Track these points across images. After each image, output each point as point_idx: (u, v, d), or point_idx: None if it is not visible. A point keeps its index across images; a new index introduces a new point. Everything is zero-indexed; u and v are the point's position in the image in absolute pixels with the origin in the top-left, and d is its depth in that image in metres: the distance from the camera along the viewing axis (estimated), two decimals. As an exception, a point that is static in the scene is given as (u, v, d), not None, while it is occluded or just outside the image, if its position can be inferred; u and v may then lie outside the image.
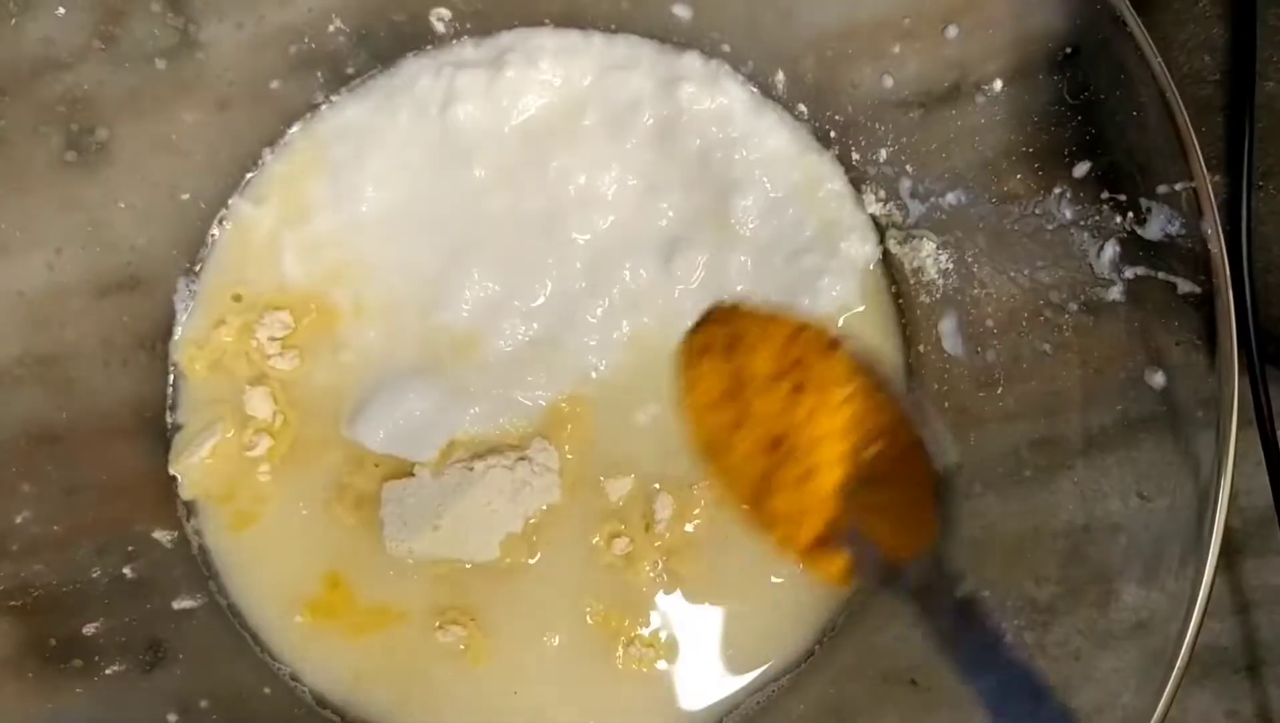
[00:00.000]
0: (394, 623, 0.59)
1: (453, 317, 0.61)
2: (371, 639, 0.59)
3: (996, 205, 0.55)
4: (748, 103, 0.62)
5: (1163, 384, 0.48)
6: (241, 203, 0.63)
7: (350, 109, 0.63)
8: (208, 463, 0.60)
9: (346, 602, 0.59)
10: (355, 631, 0.59)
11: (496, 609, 0.59)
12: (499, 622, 0.59)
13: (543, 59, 0.62)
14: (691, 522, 0.59)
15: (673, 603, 0.59)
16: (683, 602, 0.59)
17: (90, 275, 0.58)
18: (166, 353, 0.62)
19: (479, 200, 0.62)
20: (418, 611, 0.59)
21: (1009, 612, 0.52)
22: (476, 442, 0.60)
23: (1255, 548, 0.61)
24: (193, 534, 0.61)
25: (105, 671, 0.55)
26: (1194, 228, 0.45)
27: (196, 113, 0.60)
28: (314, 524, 0.60)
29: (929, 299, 0.60)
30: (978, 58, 0.54)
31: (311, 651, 0.59)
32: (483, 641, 0.59)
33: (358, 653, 0.59)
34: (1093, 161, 0.50)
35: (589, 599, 0.59)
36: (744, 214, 0.61)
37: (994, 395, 0.56)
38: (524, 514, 0.59)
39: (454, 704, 0.59)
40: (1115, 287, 0.50)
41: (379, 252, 0.62)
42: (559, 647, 0.59)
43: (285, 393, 0.61)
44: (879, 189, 0.61)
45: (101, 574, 0.57)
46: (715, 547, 0.59)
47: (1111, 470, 0.51)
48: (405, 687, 0.59)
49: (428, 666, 0.59)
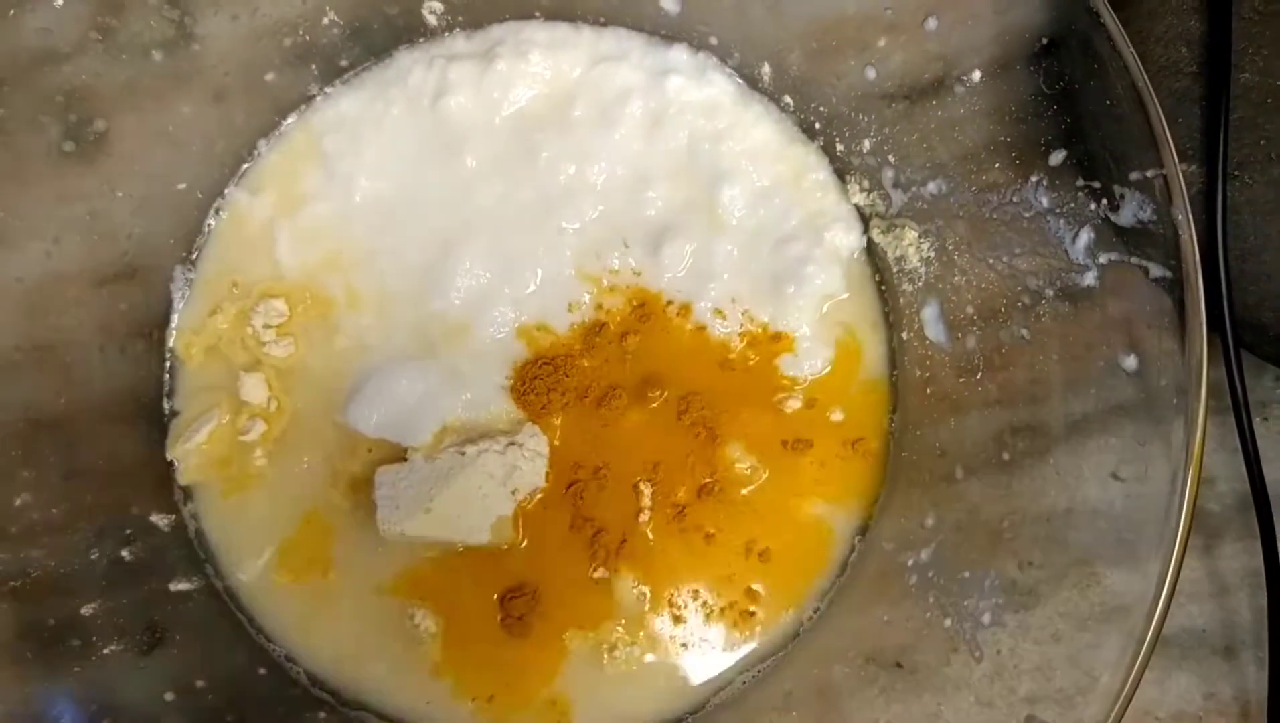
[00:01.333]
0: (386, 605, 0.60)
1: (445, 304, 0.62)
2: (364, 621, 0.59)
3: (976, 194, 0.56)
4: (735, 94, 0.63)
5: (1137, 368, 0.48)
6: (237, 193, 0.64)
7: (344, 101, 0.64)
8: (204, 448, 0.61)
9: (339, 583, 0.60)
10: (348, 613, 0.60)
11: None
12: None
13: (533, 51, 0.63)
14: (675, 510, 0.60)
15: (655, 589, 0.60)
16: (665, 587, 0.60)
17: (88, 264, 0.59)
18: (163, 340, 0.63)
19: (470, 190, 0.63)
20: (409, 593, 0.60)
21: (991, 593, 0.53)
22: (468, 427, 0.60)
23: (1234, 532, 0.62)
24: (190, 518, 0.61)
25: (103, 651, 0.55)
26: (1165, 213, 0.46)
27: (193, 104, 0.61)
28: (308, 508, 0.60)
29: (911, 287, 0.61)
30: (959, 51, 0.55)
31: (306, 632, 0.60)
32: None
33: (351, 635, 0.60)
34: (1068, 150, 0.51)
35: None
36: (731, 204, 0.62)
37: (974, 381, 0.57)
38: (514, 499, 0.59)
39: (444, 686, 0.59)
40: (1090, 272, 0.50)
41: (372, 240, 0.63)
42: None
43: (280, 379, 0.62)
44: (863, 179, 0.62)
45: (99, 557, 0.57)
46: (695, 535, 0.60)
47: (1092, 455, 0.52)
48: (397, 668, 0.59)
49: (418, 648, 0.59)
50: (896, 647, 0.56)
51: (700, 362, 0.62)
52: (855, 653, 0.58)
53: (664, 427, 0.61)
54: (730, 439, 0.61)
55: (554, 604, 0.59)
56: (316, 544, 0.60)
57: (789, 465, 0.61)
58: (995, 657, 0.52)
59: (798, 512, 0.61)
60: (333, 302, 0.62)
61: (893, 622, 0.57)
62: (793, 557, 0.61)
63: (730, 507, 0.60)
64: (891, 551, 0.59)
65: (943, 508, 0.57)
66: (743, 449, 0.61)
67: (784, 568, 0.60)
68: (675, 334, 0.62)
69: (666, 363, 0.61)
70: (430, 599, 0.59)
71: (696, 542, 0.60)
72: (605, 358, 0.62)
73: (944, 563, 0.56)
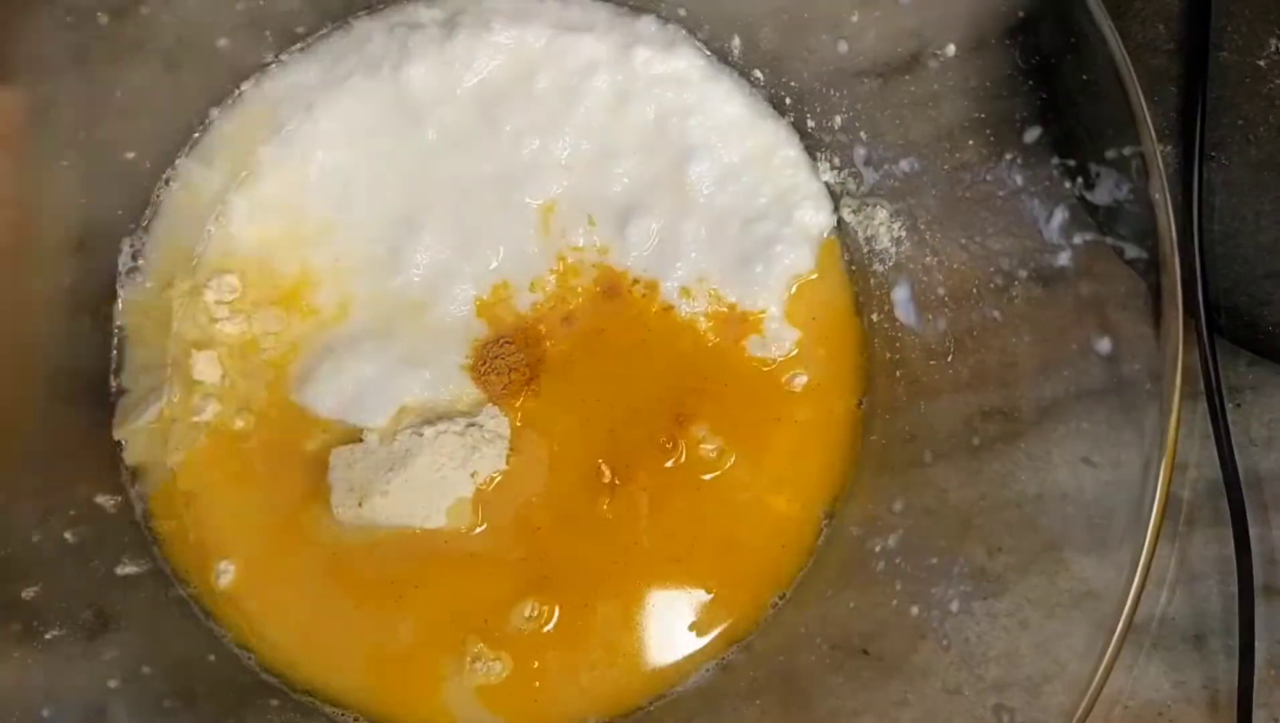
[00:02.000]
0: (338, 590, 0.58)
1: (404, 281, 0.60)
2: (316, 606, 0.58)
3: (949, 173, 0.55)
4: (704, 68, 0.62)
5: (1110, 351, 0.48)
6: (189, 163, 0.62)
7: (300, 69, 0.62)
8: (153, 428, 0.59)
9: (292, 567, 0.59)
10: (299, 597, 0.58)
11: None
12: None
13: (496, 20, 0.61)
14: (639, 491, 0.59)
15: (617, 571, 0.59)
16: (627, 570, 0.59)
17: (32, 237, 0.57)
18: (111, 316, 0.61)
19: (431, 163, 0.61)
20: (365, 579, 0.58)
21: (959, 580, 0.52)
22: (427, 407, 0.59)
23: (1205, 519, 0.62)
24: (136, 500, 0.60)
25: (45, 636, 0.54)
26: (1142, 193, 0.45)
27: (142, 71, 0.59)
28: (261, 490, 0.59)
29: (882, 267, 0.60)
30: (934, 26, 0.54)
31: (257, 618, 0.59)
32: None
33: (302, 620, 0.58)
34: (1044, 128, 0.50)
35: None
36: (699, 180, 0.61)
37: (945, 365, 0.56)
38: (474, 481, 0.58)
39: (397, 673, 0.58)
40: (1064, 252, 0.50)
41: (329, 214, 0.61)
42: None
43: (233, 358, 0.60)
44: (834, 157, 0.61)
45: (42, 539, 0.55)
46: (659, 518, 0.60)
47: (1063, 440, 0.51)
48: (349, 654, 0.58)
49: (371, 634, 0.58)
50: (863, 634, 0.55)
51: (667, 342, 0.60)
52: (821, 640, 0.57)
53: (628, 408, 0.60)
54: (696, 421, 0.60)
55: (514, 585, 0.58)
56: (269, 528, 0.59)
57: (755, 448, 0.60)
58: (963, 644, 0.51)
59: (764, 496, 0.60)
60: (288, 277, 0.60)
61: (859, 608, 0.57)
62: (758, 541, 0.60)
63: (695, 490, 0.59)
64: (859, 536, 0.58)
65: (911, 493, 0.57)
66: (708, 431, 0.60)
67: (749, 552, 0.60)
68: (641, 314, 0.61)
69: (632, 343, 0.60)
70: (384, 585, 0.58)
71: (659, 525, 0.59)
72: (569, 337, 0.60)
73: (912, 549, 0.55)
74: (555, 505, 0.59)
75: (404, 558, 0.58)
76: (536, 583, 0.59)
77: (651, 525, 0.59)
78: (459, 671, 0.58)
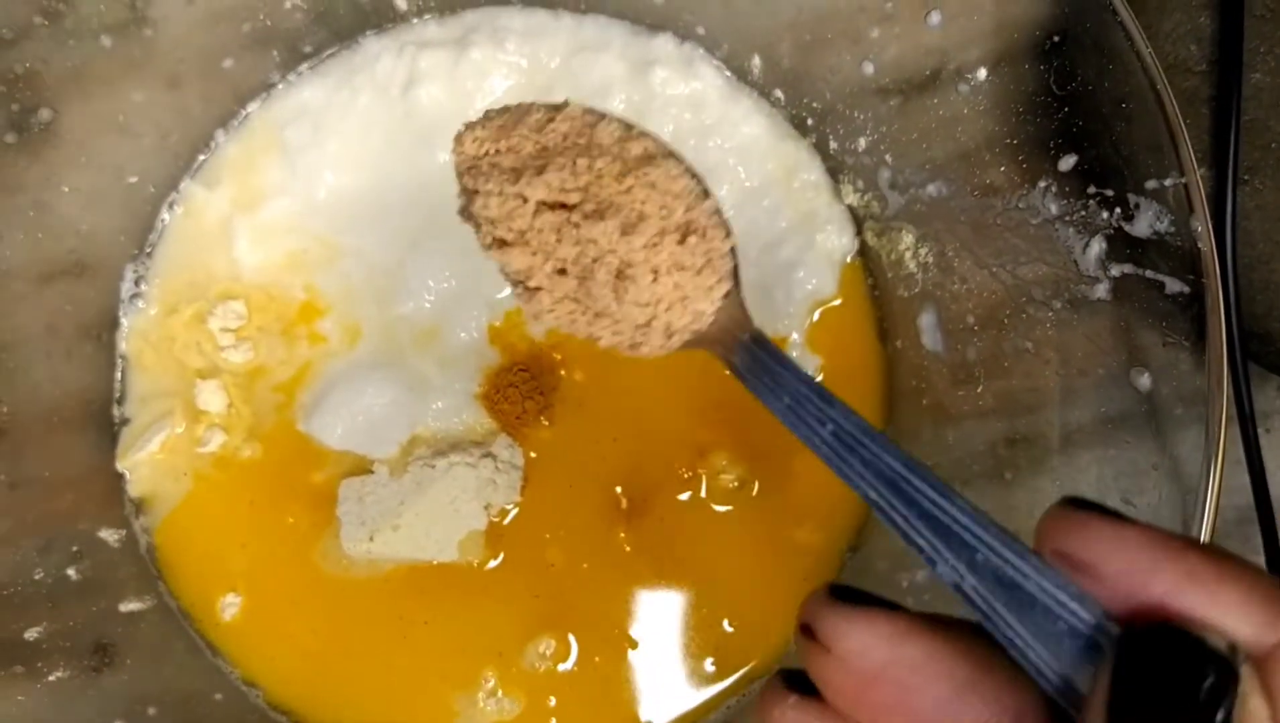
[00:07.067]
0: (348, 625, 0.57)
1: (414, 307, 0.59)
2: (326, 642, 0.57)
3: (978, 198, 0.53)
4: (722, 88, 0.61)
5: (1148, 386, 0.47)
6: (193, 186, 0.60)
7: (307, 89, 0.61)
8: (157, 458, 0.58)
9: (300, 601, 0.57)
10: (309, 631, 0.57)
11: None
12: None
13: (509, 39, 0.60)
14: (656, 523, 0.58)
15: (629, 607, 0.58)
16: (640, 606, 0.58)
17: (33, 261, 0.56)
18: (114, 343, 0.60)
19: (442, 186, 0.59)
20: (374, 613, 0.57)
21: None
22: (438, 438, 0.58)
23: (1234, 547, 0.60)
24: (141, 533, 0.58)
25: (49, 677, 0.53)
26: (1184, 225, 0.44)
27: (145, 92, 0.58)
28: (268, 523, 0.57)
29: (907, 293, 0.58)
30: (960, 44, 0.52)
31: (264, 653, 0.57)
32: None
33: (311, 655, 0.57)
34: (1079, 155, 0.49)
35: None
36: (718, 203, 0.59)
37: (973, 393, 0.55)
38: (487, 513, 0.57)
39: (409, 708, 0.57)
40: (1101, 285, 0.48)
41: (337, 239, 0.59)
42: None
43: (239, 386, 0.59)
44: (857, 179, 0.60)
45: (45, 576, 0.54)
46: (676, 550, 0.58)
47: (1090, 469, 0.50)
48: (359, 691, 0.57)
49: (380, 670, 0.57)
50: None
51: (686, 370, 0.59)
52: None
53: (646, 437, 0.58)
54: (716, 450, 0.58)
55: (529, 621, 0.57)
56: (277, 562, 0.57)
57: (777, 479, 0.58)
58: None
59: (785, 527, 0.58)
60: (295, 304, 0.59)
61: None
62: (780, 574, 0.58)
63: (715, 522, 0.58)
64: (886, 570, 0.57)
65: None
66: (729, 461, 0.58)
67: (771, 586, 0.58)
68: (658, 340, 0.59)
69: (649, 371, 0.59)
70: (394, 620, 0.57)
71: (679, 557, 0.58)
72: (584, 364, 0.59)
73: (942, 584, 0.53)
74: (571, 538, 0.58)
75: (415, 592, 0.57)
76: (552, 619, 0.57)
77: (671, 558, 0.58)
78: (471, 708, 0.57)
